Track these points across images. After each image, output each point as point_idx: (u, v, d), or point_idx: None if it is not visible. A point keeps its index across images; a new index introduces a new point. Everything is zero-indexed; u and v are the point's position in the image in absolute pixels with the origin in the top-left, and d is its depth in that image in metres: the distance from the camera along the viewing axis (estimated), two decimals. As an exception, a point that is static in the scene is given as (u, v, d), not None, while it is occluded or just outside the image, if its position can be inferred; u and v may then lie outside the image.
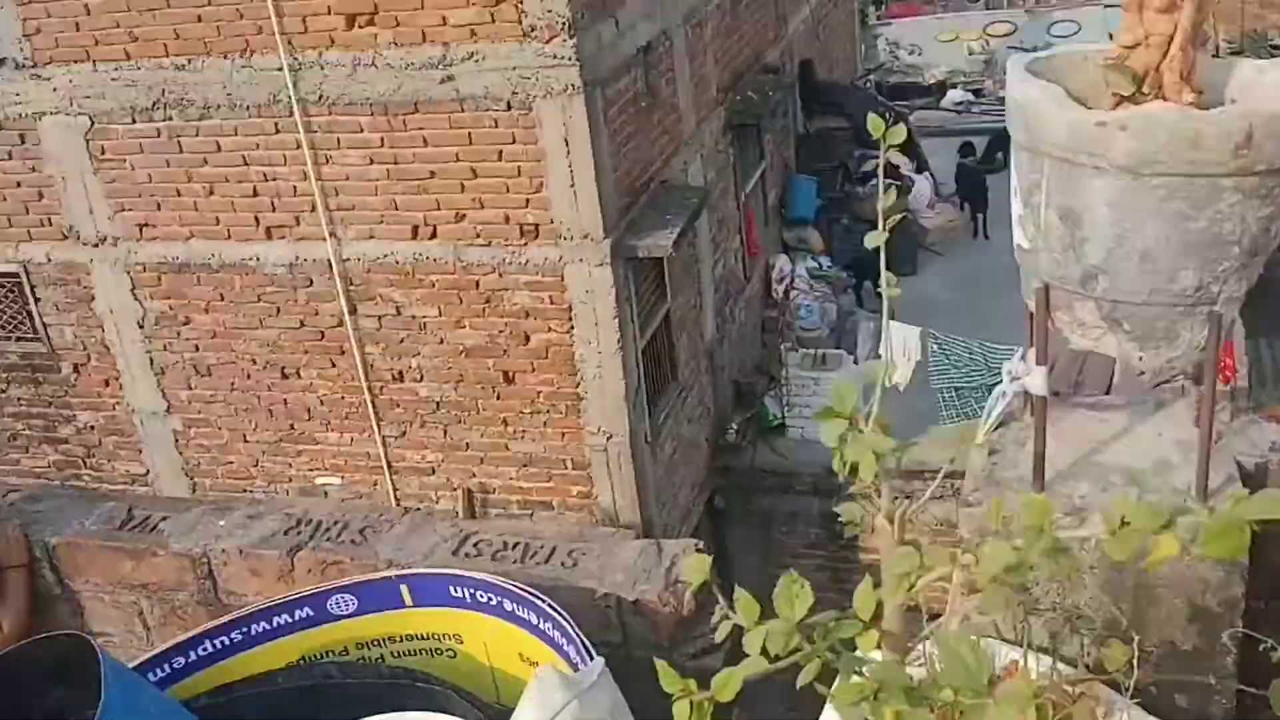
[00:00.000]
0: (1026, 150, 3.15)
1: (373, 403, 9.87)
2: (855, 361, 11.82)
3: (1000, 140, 17.82)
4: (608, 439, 9.42)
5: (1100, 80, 3.09)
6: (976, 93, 24.83)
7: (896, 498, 2.54)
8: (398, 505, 10.19)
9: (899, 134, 2.75)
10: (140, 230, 9.82)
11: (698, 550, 8.69)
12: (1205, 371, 2.95)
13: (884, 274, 3.06)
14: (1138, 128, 2.68)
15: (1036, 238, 3.19)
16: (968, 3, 29.80)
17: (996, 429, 3.53)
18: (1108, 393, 10.66)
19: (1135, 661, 2.65)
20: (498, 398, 9.59)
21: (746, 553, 11.44)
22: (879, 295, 3.13)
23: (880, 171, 3.11)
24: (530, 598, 7.89)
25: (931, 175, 15.89)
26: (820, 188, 13.97)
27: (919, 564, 2.32)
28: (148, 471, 10.90)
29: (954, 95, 23.08)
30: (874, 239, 2.94)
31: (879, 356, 11.18)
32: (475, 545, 9.39)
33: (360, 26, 8.67)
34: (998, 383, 10.73)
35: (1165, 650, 2.87)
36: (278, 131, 9.09)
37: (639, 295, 9.54)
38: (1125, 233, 2.86)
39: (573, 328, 9.15)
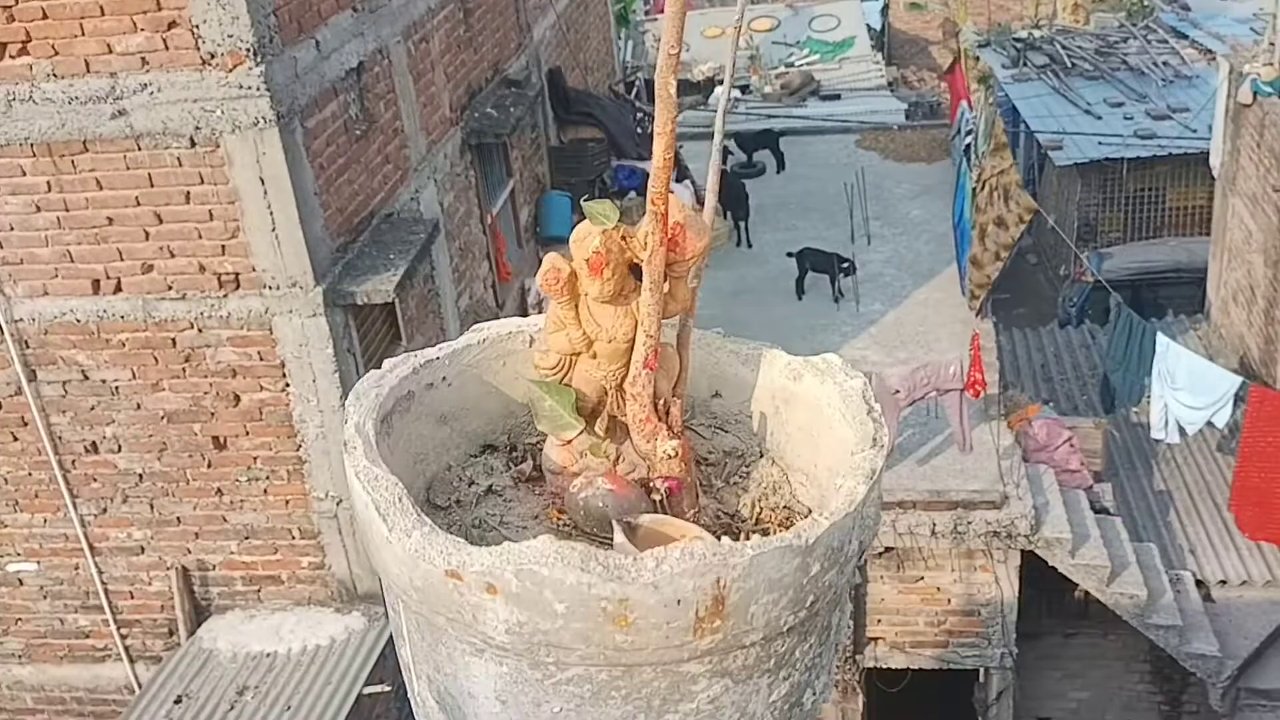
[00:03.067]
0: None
1: (65, 478, 8.66)
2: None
3: (759, 139, 17.64)
4: (337, 504, 8.52)
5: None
6: (743, 89, 24.72)
7: None
8: (103, 589, 9.00)
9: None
10: None
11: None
12: None
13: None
14: (516, 591, 1.37)
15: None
16: (732, -3, 29.76)
17: None
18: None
19: None
20: (209, 465, 8.54)
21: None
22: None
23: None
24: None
25: (693, 182, 15.44)
26: (574, 203, 13.32)
27: None
28: None
29: (719, 93, 22.82)
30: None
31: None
32: None
33: (12, 56, 7.47)
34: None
35: None
36: (-78, 176, 7.80)
37: (366, 342, 8.66)
38: None
39: (288, 385, 8.21)
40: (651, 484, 1.62)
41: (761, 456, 1.80)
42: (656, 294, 1.57)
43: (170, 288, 7.98)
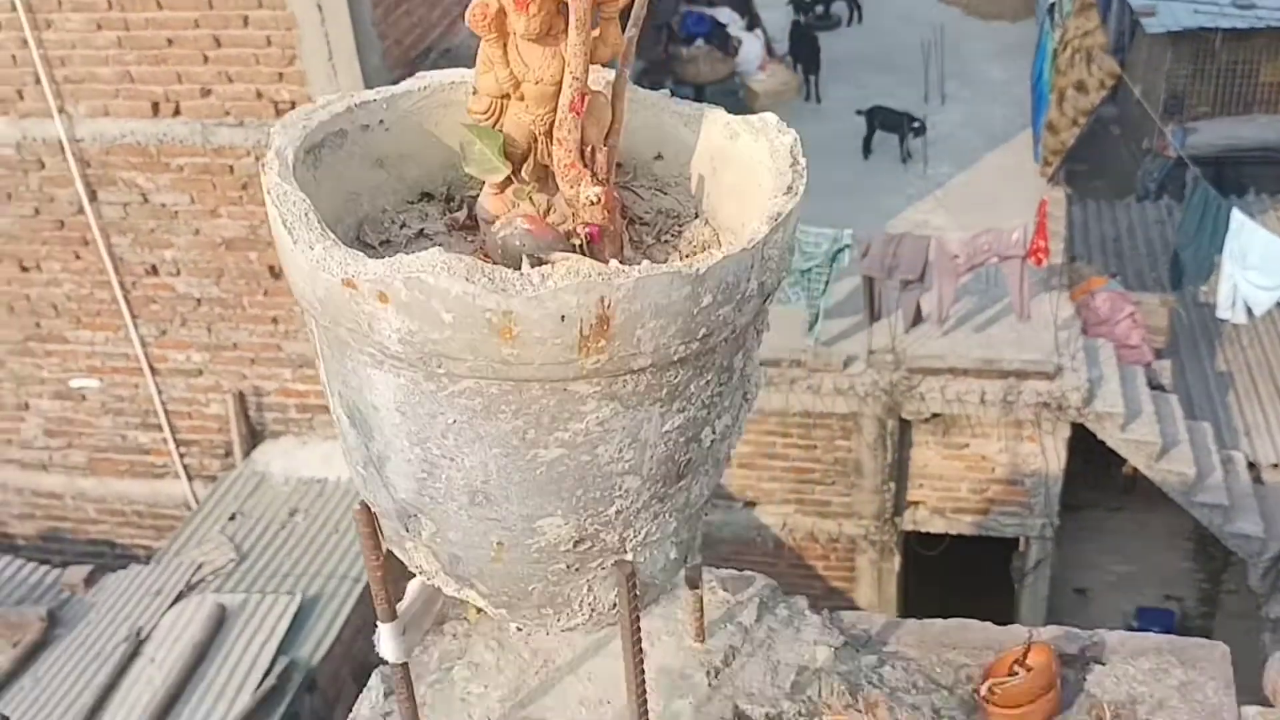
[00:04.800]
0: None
1: (125, 299, 8.91)
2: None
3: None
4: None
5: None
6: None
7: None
8: (162, 409, 9.33)
9: None
10: None
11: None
12: (625, 633, 1.77)
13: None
14: (405, 300, 1.40)
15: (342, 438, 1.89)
16: None
17: None
18: (921, 277, 10.34)
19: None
20: (265, 294, 8.72)
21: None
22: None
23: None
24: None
25: (764, 32, 15.02)
26: (640, 50, 13.06)
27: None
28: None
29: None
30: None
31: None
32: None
33: None
34: (812, 268, 10.30)
35: None
36: (-15, -9, 7.88)
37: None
38: (435, 459, 1.64)
39: (340, 216, 8.29)
40: (575, 231, 1.62)
41: (696, 217, 1.79)
42: (583, 34, 1.54)
43: (228, 113, 8.04)
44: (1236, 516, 10.06)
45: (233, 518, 8.97)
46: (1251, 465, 10.67)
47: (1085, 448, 10.53)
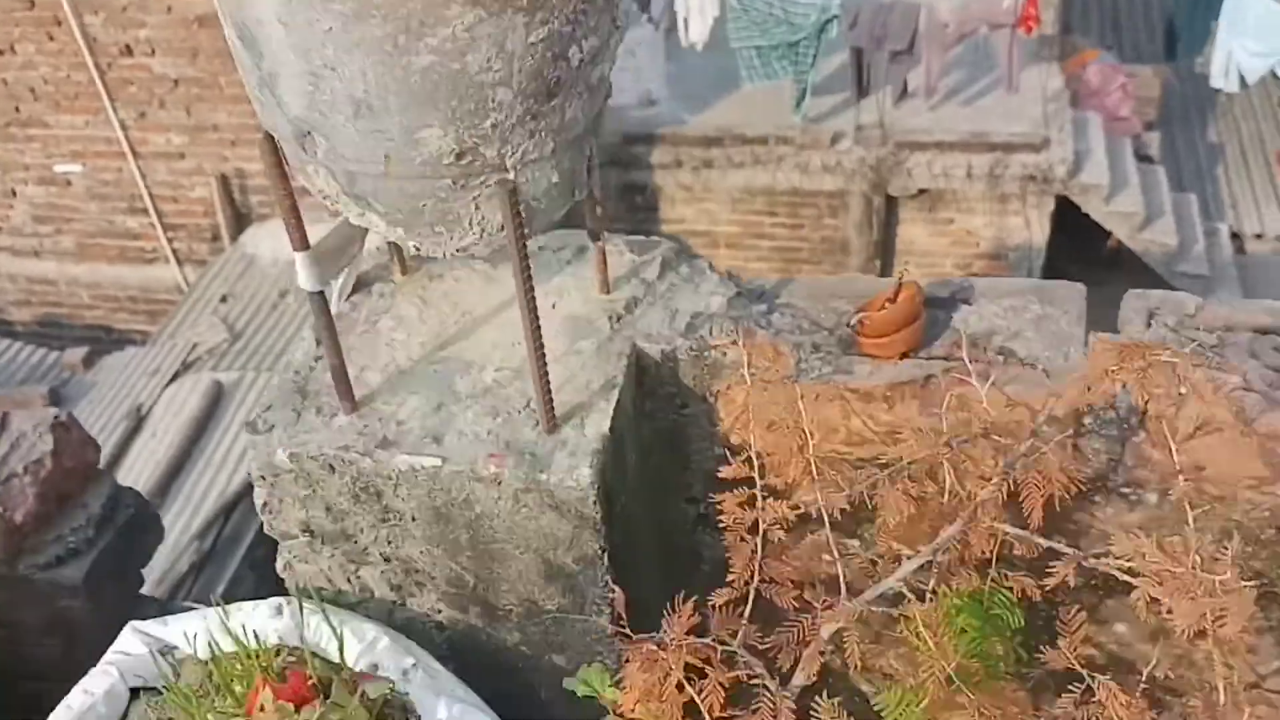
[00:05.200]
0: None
1: (102, 80, 8.83)
2: (650, 20, 10.95)
3: None
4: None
5: None
6: None
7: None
8: (147, 193, 9.37)
9: None
10: None
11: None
12: (512, 250, 1.86)
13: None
14: None
15: (239, 65, 1.90)
16: None
17: (352, 294, 2.45)
18: (910, 48, 10.16)
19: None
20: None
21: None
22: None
23: None
24: None
25: None
26: None
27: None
28: None
29: None
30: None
31: (674, 14, 10.26)
32: None
33: None
34: (800, 40, 10.13)
35: (529, 609, 2.31)
36: None
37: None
38: (319, 70, 1.69)
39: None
40: None
41: None
42: None
43: (188, -120, 7.81)
44: (1218, 287, 10.16)
45: (224, 300, 9.12)
46: (1235, 236, 10.71)
47: (1070, 221, 10.55)
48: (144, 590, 3.16)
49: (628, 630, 1.85)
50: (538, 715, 2.43)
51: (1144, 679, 2.03)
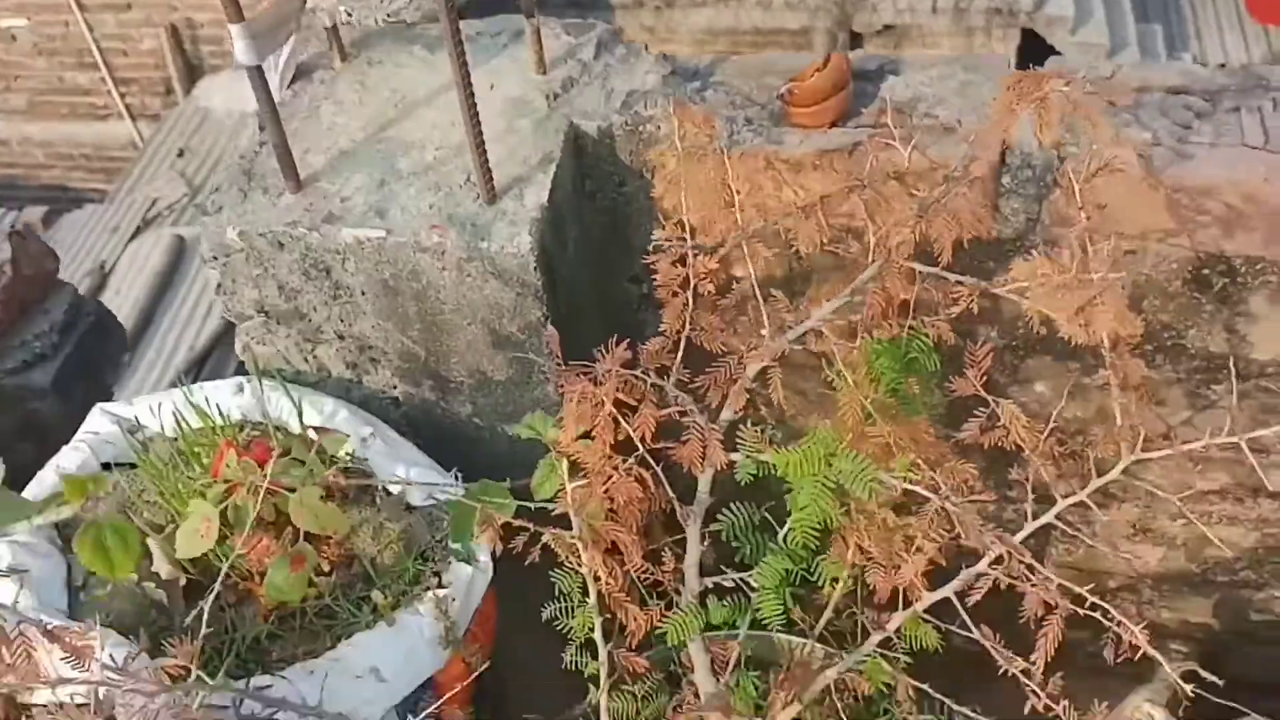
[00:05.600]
0: None
1: (40, -72, 8.58)
2: None
3: None
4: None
5: None
6: None
7: None
8: (96, 46, 9.18)
9: None
10: None
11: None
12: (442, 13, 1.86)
13: None
14: None
15: None
16: None
17: (293, 83, 2.49)
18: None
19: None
20: (183, -86, 8.40)
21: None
22: None
23: None
24: None
25: None
26: None
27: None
28: None
29: None
30: None
31: None
32: None
33: None
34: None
35: (479, 380, 2.39)
36: None
37: None
38: None
39: None
40: None
41: None
42: None
43: None
44: (1176, 117, 10.18)
45: (181, 154, 9.03)
46: (1201, 65, 10.69)
47: (1035, 58, 10.49)
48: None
49: (564, 364, 1.96)
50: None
51: (1053, 418, 2.17)
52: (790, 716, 2.39)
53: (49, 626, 1.75)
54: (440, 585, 2.29)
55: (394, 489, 2.39)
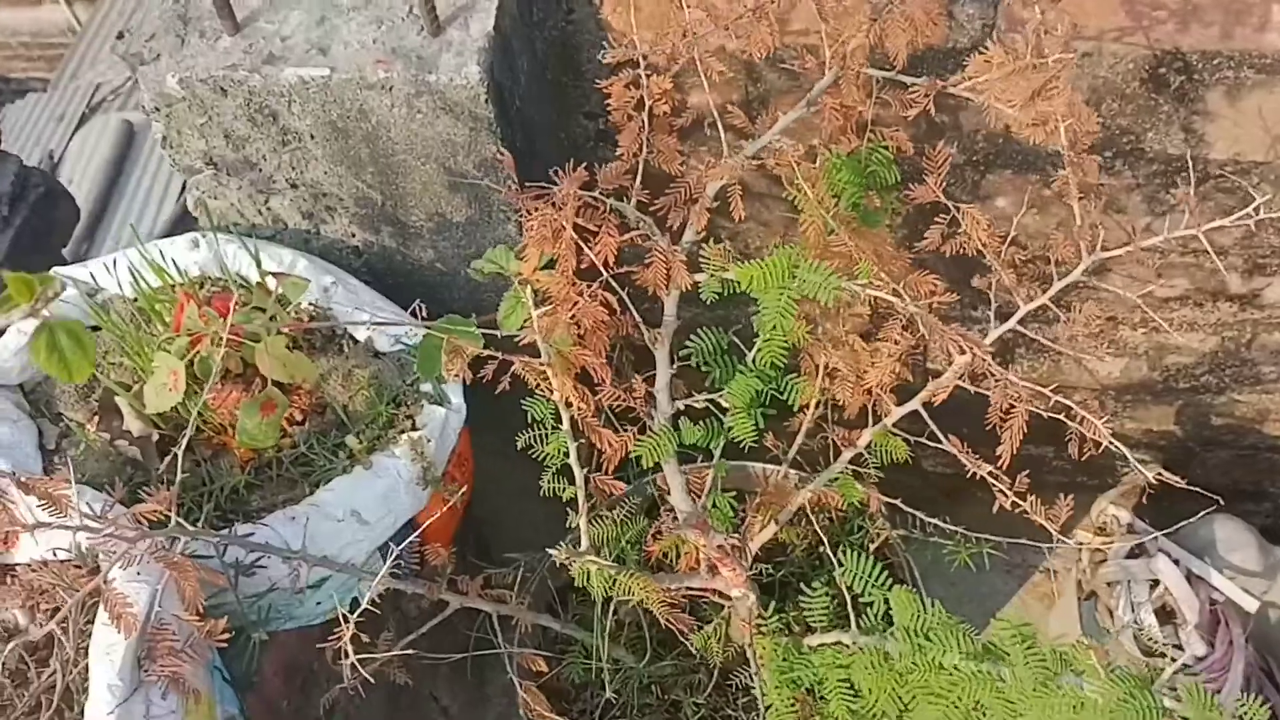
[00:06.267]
0: None
1: None
2: None
3: None
4: None
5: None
6: None
7: None
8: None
9: None
10: None
11: None
12: None
13: None
14: None
15: None
16: None
17: None
18: None
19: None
20: None
21: None
22: None
23: None
24: None
25: None
26: None
27: None
28: None
29: None
30: None
31: None
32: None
33: None
34: None
35: (439, 223, 2.34)
36: None
37: None
38: None
39: None
40: None
41: None
42: None
43: None
44: None
45: (121, 36, 8.76)
46: None
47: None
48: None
49: (522, 185, 1.94)
50: (457, 329, 2.57)
51: (1014, 227, 2.18)
52: (766, 538, 2.45)
53: (23, 479, 1.75)
54: (414, 428, 2.30)
55: (360, 336, 2.39)
